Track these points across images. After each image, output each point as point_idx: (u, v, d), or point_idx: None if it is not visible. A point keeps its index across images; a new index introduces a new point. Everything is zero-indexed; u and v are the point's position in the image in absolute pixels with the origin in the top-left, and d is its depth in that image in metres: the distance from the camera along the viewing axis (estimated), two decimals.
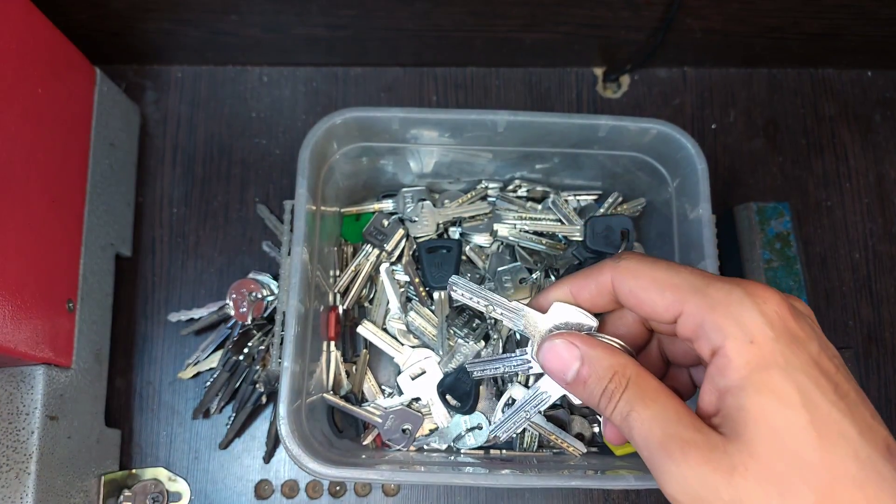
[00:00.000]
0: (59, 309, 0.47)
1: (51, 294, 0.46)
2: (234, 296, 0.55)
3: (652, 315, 0.30)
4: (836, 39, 0.61)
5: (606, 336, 0.33)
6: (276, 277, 0.56)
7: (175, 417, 0.55)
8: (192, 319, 0.56)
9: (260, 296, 0.55)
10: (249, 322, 0.54)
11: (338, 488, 0.54)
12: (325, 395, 0.50)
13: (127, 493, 0.52)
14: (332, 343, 0.51)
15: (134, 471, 0.54)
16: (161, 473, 0.54)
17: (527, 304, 0.35)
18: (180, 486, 0.54)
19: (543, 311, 0.34)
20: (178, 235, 0.59)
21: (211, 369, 0.55)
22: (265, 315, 0.55)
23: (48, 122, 0.46)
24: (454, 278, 0.37)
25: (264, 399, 0.54)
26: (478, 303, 0.36)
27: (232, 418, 0.54)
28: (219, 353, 0.55)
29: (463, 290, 0.37)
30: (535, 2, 0.55)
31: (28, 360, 0.44)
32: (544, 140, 0.50)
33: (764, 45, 0.61)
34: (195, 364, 0.55)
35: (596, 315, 0.34)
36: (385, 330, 0.53)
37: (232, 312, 0.54)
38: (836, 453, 0.23)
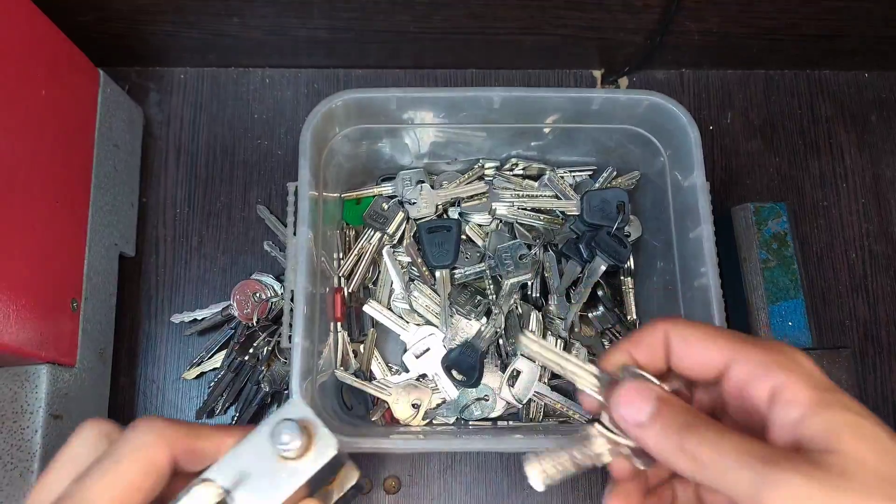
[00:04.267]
0: (63, 308, 0.47)
1: (55, 294, 0.46)
2: (237, 297, 0.55)
3: (702, 364, 0.31)
4: (832, 41, 0.61)
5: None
6: (278, 278, 0.56)
7: (179, 417, 0.56)
8: (195, 320, 0.57)
9: (264, 297, 0.55)
10: (254, 323, 0.55)
11: None
12: (335, 370, 0.50)
13: None
14: (339, 324, 0.52)
15: None
16: None
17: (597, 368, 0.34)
18: None
19: (614, 375, 0.34)
20: (182, 235, 0.60)
21: (214, 369, 0.55)
22: (269, 316, 0.55)
23: (52, 123, 0.47)
24: (526, 336, 0.34)
25: (269, 399, 0.55)
26: (555, 364, 0.34)
27: (236, 418, 0.54)
28: (222, 354, 0.55)
29: (538, 349, 0.34)
30: (534, 5, 0.55)
31: (32, 359, 0.44)
32: (539, 116, 0.51)
33: (761, 47, 0.62)
34: (199, 364, 0.56)
35: None
36: (390, 310, 0.54)
37: (236, 313, 0.55)
38: None
